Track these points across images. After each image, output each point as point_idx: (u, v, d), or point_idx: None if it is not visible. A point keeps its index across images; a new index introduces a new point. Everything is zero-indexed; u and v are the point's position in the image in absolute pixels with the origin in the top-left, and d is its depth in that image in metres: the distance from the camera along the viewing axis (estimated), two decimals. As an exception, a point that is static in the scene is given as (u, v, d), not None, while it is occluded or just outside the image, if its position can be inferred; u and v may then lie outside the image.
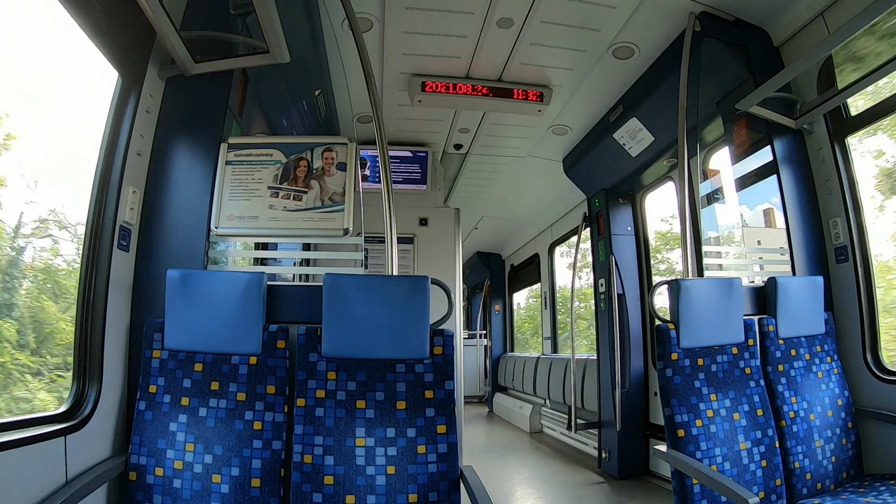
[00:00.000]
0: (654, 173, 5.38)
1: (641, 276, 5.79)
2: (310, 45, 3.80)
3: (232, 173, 2.88)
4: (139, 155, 2.61)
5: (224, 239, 2.90)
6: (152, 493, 2.29)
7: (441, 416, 2.45)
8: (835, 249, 3.36)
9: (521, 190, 7.35)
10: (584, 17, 3.71)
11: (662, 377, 2.76)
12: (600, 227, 5.91)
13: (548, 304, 9.12)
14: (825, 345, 3.18)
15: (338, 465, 2.34)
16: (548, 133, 5.55)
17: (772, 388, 2.96)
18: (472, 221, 9.02)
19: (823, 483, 2.90)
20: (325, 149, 2.89)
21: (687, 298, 2.85)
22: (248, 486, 2.31)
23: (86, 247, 2.41)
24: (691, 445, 2.63)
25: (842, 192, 3.31)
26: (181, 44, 2.58)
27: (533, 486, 5.61)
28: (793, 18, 3.40)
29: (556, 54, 4.17)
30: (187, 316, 2.48)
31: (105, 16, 2.38)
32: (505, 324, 11.58)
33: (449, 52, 4.15)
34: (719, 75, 3.64)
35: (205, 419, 2.38)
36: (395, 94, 4.67)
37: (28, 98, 2.52)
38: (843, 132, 3.34)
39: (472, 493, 2.22)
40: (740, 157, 3.81)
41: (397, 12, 3.66)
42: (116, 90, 2.55)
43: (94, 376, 2.33)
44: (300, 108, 4.52)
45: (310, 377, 2.45)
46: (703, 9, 3.49)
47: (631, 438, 5.49)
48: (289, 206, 2.84)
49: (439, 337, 2.55)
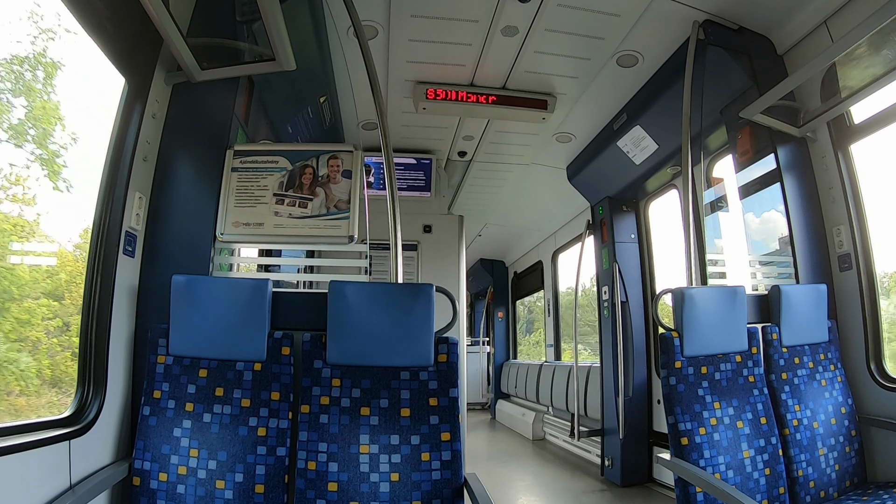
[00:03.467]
0: (657, 181, 5.39)
1: (645, 283, 5.79)
2: (315, 53, 3.82)
3: (237, 180, 2.89)
4: (145, 161, 2.62)
5: (229, 245, 2.90)
6: (156, 499, 2.29)
7: (445, 424, 2.45)
8: (838, 257, 3.36)
9: (524, 197, 7.35)
10: (588, 26, 3.72)
11: (666, 385, 2.75)
12: (604, 234, 5.92)
13: (551, 312, 9.12)
14: (828, 353, 3.17)
15: (342, 471, 2.34)
16: (552, 141, 5.55)
17: (775, 397, 2.95)
18: (476, 228, 9.02)
19: (827, 491, 2.89)
20: (331, 156, 2.90)
21: (691, 306, 2.85)
22: (252, 492, 2.31)
23: (91, 252, 2.42)
24: (695, 453, 2.62)
25: (845, 200, 3.31)
26: (188, 50, 2.59)
27: (536, 493, 5.60)
28: (796, 26, 3.41)
29: (561, 62, 4.18)
30: (192, 322, 2.48)
31: (112, 22, 2.40)
32: (508, 331, 11.58)
33: (454, 60, 4.17)
34: (723, 83, 3.65)
35: (209, 425, 2.38)
36: (400, 101, 4.68)
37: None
38: (847, 140, 3.34)
39: (476, 500, 2.22)
40: (744, 165, 3.81)
41: (403, 20, 3.68)
42: (123, 96, 2.56)
43: (99, 381, 2.34)
44: (305, 115, 4.53)
45: (314, 384, 2.45)
46: (707, 17, 3.50)
47: (634, 446, 5.48)
48: (294, 214, 2.85)
49: (444, 344, 2.55)
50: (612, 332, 5.65)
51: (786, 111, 3.46)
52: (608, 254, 5.83)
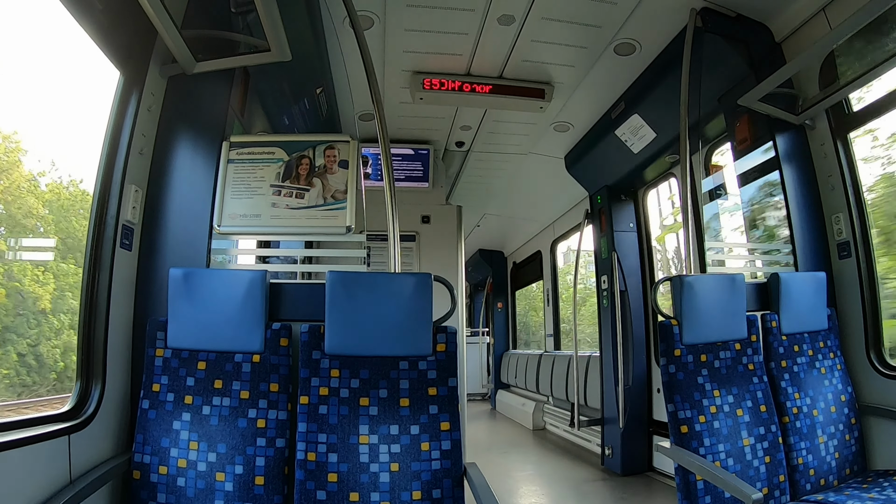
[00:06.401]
0: (656, 170, 5.38)
1: (644, 272, 5.80)
2: (311, 43, 3.80)
3: (234, 172, 2.88)
4: (141, 154, 2.61)
5: (226, 237, 2.90)
6: (156, 492, 2.30)
7: (444, 413, 2.45)
8: (837, 245, 3.35)
9: (523, 187, 7.35)
10: (585, 14, 3.71)
11: (665, 373, 2.75)
12: (602, 223, 5.92)
13: (550, 301, 9.13)
14: (828, 341, 3.17)
15: (341, 462, 2.34)
16: (549, 130, 5.54)
17: (775, 384, 2.96)
18: (475, 219, 9.03)
19: (827, 479, 2.90)
20: (328, 147, 2.89)
21: (690, 294, 2.84)
22: (251, 483, 2.31)
23: (88, 246, 2.41)
24: (694, 442, 2.63)
25: (844, 188, 3.30)
26: (182, 42, 2.57)
27: (536, 482, 5.61)
28: (794, 14, 3.39)
29: (557, 51, 4.16)
30: (190, 314, 2.48)
31: (106, 15, 2.38)
32: (507, 321, 11.59)
33: (450, 50, 4.15)
34: (721, 71, 3.63)
35: (208, 417, 2.38)
36: (397, 91, 4.67)
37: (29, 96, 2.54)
38: (846, 128, 3.33)
39: (476, 489, 2.23)
40: (742, 153, 3.80)
41: (398, 10, 3.66)
42: (118, 89, 2.55)
43: (98, 375, 2.33)
44: (302, 107, 4.52)
45: (313, 375, 2.45)
46: (705, 4, 3.48)
47: (634, 435, 5.50)
48: (291, 204, 2.84)
49: (442, 334, 2.55)
50: (611, 321, 5.66)
51: (784, 99, 3.45)
52: (607, 243, 5.83)
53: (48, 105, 5.07)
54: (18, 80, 2.24)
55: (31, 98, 3.92)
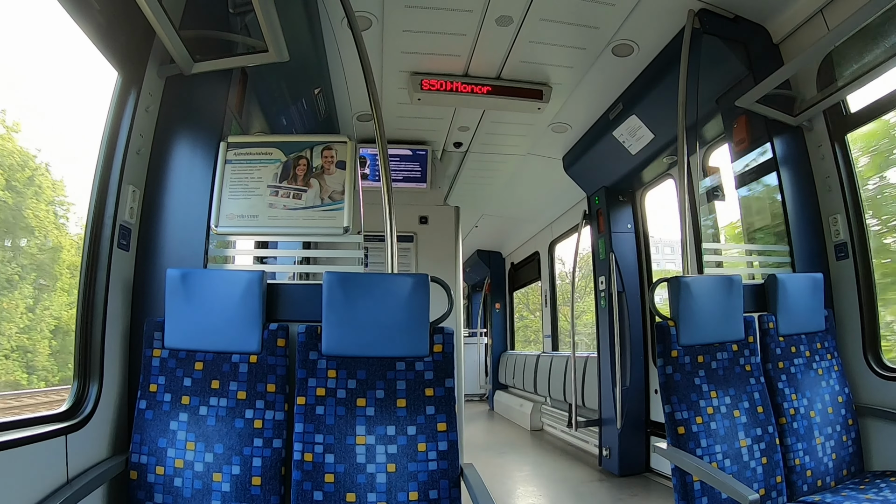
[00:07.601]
0: (653, 171, 5.39)
1: (641, 273, 5.80)
2: (309, 44, 3.80)
3: (232, 172, 2.88)
4: (139, 154, 2.61)
5: (224, 238, 2.89)
6: (153, 492, 2.30)
7: (441, 414, 2.45)
8: (835, 246, 3.36)
9: (521, 188, 7.35)
10: (583, 15, 3.71)
11: (663, 374, 2.75)
12: (600, 224, 5.92)
13: (548, 302, 9.13)
14: (825, 342, 3.18)
15: (338, 462, 2.34)
16: (547, 131, 5.54)
17: (772, 385, 2.96)
18: (473, 219, 9.02)
19: (824, 480, 2.90)
20: (325, 147, 2.88)
21: (687, 295, 2.85)
22: (248, 484, 2.31)
23: (86, 246, 2.41)
24: (692, 442, 2.63)
25: (841, 189, 3.31)
26: (180, 43, 2.57)
27: (534, 483, 5.62)
28: (792, 15, 3.39)
29: (555, 52, 4.16)
30: (187, 315, 2.47)
31: (104, 15, 2.38)
32: (505, 322, 11.59)
33: (448, 51, 4.15)
34: (719, 72, 3.64)
35: (205, 418, 2.38)
36: (395, 92, 4.66)
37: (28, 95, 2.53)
38: (843, 129, 3.34)
39: (473, 490, 2.23)
40: (740, 155, 3.80)
41: (396, 10, 3.66)
42: (116, 89, 2.55)
43: (95, 376, 2.34)
44: (300, 107, 4.51)
45: (310, 375, 2.45)
46: (703, 6, 3.49)
47: (631, 436, 5.50)
48: (289, 205, 2.84)
49: (439, 335, 2.55)
50: (609, 322, 5.66)
51: (782, 100, 3.45)
52: (605, 244, 5.83)
53: (48, 105, 5.05)
54: (18, 80, 2.24)
55: (30, 98, 3.91)
